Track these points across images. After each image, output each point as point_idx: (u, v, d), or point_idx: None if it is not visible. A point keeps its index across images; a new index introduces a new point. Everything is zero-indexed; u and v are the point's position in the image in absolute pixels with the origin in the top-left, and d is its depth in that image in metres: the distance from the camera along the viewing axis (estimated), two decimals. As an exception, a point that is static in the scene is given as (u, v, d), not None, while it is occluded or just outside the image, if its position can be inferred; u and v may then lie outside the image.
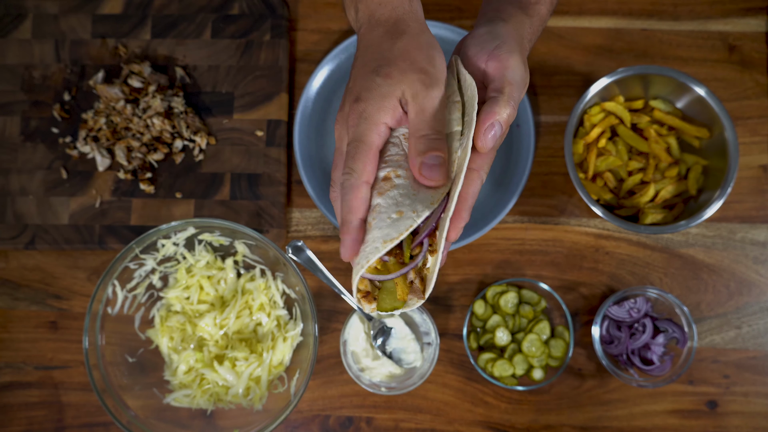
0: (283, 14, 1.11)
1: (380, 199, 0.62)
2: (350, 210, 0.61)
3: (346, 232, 0.61)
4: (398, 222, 0.60)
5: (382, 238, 0.60)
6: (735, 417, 1.04)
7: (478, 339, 1.04)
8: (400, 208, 0.61)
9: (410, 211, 0.61)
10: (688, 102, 1.02)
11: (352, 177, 0.61)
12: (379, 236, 0.60)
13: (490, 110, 0.62)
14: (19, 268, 1.10)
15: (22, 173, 1.09)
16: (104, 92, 1.07)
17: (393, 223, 0.60)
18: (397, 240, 0.59)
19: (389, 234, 0.60)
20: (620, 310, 1.02)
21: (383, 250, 0.59)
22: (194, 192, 1.08)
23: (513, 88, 0.63)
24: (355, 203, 0.61)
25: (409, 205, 0.61)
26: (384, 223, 0.61)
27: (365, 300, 0.64)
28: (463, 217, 0.62)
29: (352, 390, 1.06)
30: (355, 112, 0.62)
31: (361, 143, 0.61)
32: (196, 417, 1.02)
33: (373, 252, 0.60)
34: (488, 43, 0.66)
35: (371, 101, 0.61)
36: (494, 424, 1.05)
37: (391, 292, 0.63)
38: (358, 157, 0.61)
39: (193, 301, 1.03)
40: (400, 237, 0.59)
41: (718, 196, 0.97)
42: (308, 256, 0.98)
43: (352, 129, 0.62)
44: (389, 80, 0.62)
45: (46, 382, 1.07)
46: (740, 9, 1.11)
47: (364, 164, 0.61)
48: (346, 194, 0.61)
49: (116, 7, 1.11)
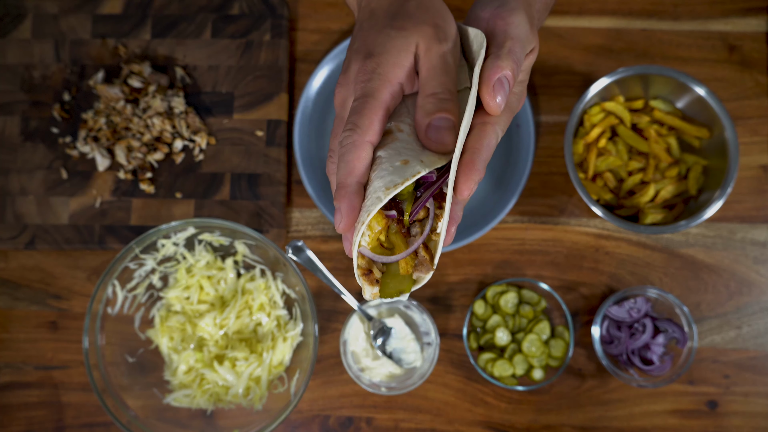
0: (283, 14, 1.11)
1: (381, 152, 0.55)
2: (349, 171, 0.54)
3: (343, 196, 0.54)
4: (403, 169, 0.53)
5: (384, 186, 0.52)
6: (735, 417, 1.04)
7: (478, 339, 1.04)
8: (404, 156, 0.54)
9: (416, 160, 0.54)
10: (688, 102, 1.02)
11: (355, 133, 0.54)
12: (380, 185, 0.53)
13: (492, 65, 0.56)
14: (19, 268, 1.10)
15: (22, 173, 1.09)
16: (104, 92, 1.07)
17: (396, 170, 0.53)
18: (403, 186, 0.52)
19: (393, 180, 0.52)
20: (620, 310, 1.02)
21: (386, 197, 0.52)
22: (194, 192, 1.08)
23: (514, 42, 0.58)
24: (356, 163, 0.54)
25: (414, 156, 0.54)
26: (386, 171, 0.53)
27: (366, 280, 0.56)
28: (477, 168, 0.54)
29: (352, 390, 1.06)
30: (367, 69, 0.56)
31: (371, 98, 0.55)
32: (196, 417, 1.02)
33: (375, 203, 0.52)
34: (492, 3, 0.61)
35: (385, 55, 0.56)
36: (494, 424, 1.05)
37: (396, 274, 0.56)
38: (364, 113, 0.54)
39: (193, 301, 1.03)
40: (406, 183, 0.52)
41: (718, 196, 0.97)
42: (308, 256, 0.98)
43: (360, 85, 0.56)
44: (404, 32, 0.56)
45: (46, 382, 1.07)
46: (740, 9, 1.11)
47: (371, 121, 0.54)
48: (345, 153, 0.54)
49: (116, 7, 1.11)
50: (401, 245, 0.56)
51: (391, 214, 0.55)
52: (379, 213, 0.55)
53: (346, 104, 0.58)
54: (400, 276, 0.56)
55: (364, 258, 0.56)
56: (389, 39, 0.56)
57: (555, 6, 1.11)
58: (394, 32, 0.56)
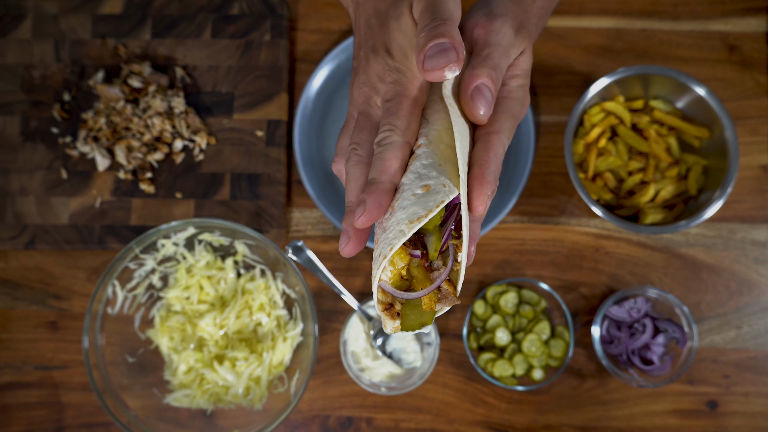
0: (283, 14, 1.11)
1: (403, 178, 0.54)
2: (384, 169, 0.52)
3: (373, 191, 0.51)
4: (425, 198, 0.51)
5: (408, 218, 0.50)
6: (735, 417, 1.04)
7: (478, 339, 1.04)
8: (425, 181, 0.52)
9: (439, 184, 0.51)
10: (688, 102, 1.02)
11: (395, 134, 0.53)
12: (403, 217, 0.51)
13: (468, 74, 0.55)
14: (19, 268, 1.10)
15: (22, 173, 1.09)
16: (104, 92, 1.07)
17: (419, 199, 0.51)
18: (426, 219, 0.50)
19: (416, 212, 0.50)
20: (620, 310, 1.02)
21: (409, 232, 0.50)
22: (194, 192, 1.08)
23: (492, 49, 0.56)
24: (393, 162, 0.52)
25: (436, 178, 0.52)
26: (408, 202, 0.51)
27: (387, 314, 0.55)
28: (487, 180, 0.52)
29: (352, 390, 1.06)
30: (391, 67, 0.55)
31: (404, 97, 0.54)
32: (196, 417, 1.02)
33: (398, 236, 0.50)
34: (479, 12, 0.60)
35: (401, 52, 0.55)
36: (494, 424, 1.05)
37: (418, 306, 0.54)
38: (400, 113, 0.53)
39: (193, 301, 1.03)
40: (430, 215, 0.50)
41: (718, 196, 0.97)
42: (308, 256, 0.98)
43: (390, 86, 0.55)
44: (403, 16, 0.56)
45: (46, 382, 1.07)
46: (740, 9, 1.11)
47: (409, 121, 0.53)
48: (384, 152, 0.53)
49: (116, 7, 1.11)
50: (423, 279, 0.54)
51: (415, 254, 0.53)
52: (403, 249, 0.53)
53: (371, 102, 0.57)
54: (421, 309, 0.54)
55: (385, 292, 0.55)
56: (399, 33, 0.56)
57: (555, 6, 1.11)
58: (395, 23, 0.56)
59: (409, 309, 0.54)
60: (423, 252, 0.54)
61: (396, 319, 0.55)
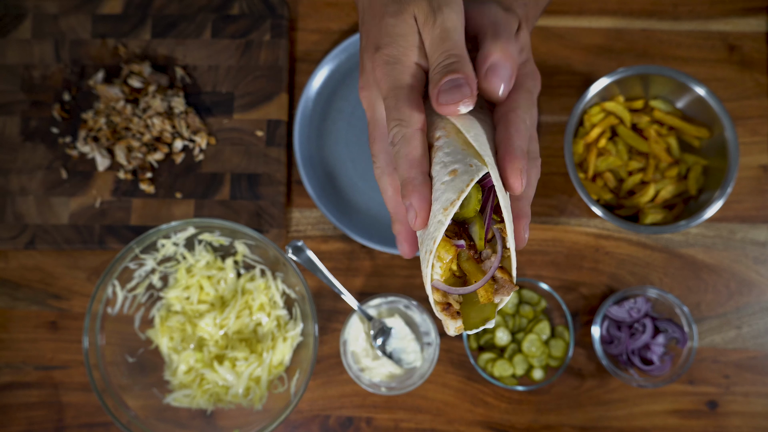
0: (283, 14, 1.11)
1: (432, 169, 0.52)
2: (410, 164, 0.52)
3: (411, 190, 0.51)
4: (454, 182, 0.50)
5: (442, 206, 0.49)
6: (735, 417, 1.04)
7: (478, 339, 1.04)
8: (451, 167, 0.51)
9: (465, 165, 0.50)
10: (688, 102, 1.02)
11: (402, 126, 0.53)
12: (438, 208, 0.49)
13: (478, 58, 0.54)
14: (19, 268, 1.10)
15: (22, 173, 1.09)
16: (104, 92, 1.07)
17: (449, 185, 0.50)
18: (459, 201, 0.49)
19: (449, 198, 0.49)
20: (620, 310, 1.02)
21: (447, 218, 0.48)
22: (194, 192, 1.08)
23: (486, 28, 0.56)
24: (414, 153, 0.52)
25: (462, 161, 0.51)
26: (439, 191, 0.50)
27: (447, 315, 0.53)
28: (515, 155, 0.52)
29: (352, 390, 1.06)
30: (380, 62, 0.55)
31: (399, 89, 0.54)
32: (196, 417, 1.02)
33: (438, 228, 0.49)
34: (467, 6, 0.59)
35: (393, 45, 0.55)
36: (494, 424, 1.05)
37: (477, 302, 0.52)
38: (401, 106, 0.53)
39: (193, 301, 1.03)
40: (462, 195, 0.48)
41: (718, 196, 0.97)
42: (308, 256, 0.98)
43: (383, 82, 0.55)
44: (401, 16, 0.55)
45: (46, 382, 1.07)
46: (740, 9, 1.11)
47: (411, 110, 0.53)
48: (400, 149, 0.53)
49: (116, 7, 1.11)
50: (475, 272, 0.52)
51: (460, 244, 0.51)
52: (446, 241, 0.52)
53: (375, 105, 0.58)
54: (480, 304, 0.52)
55: (439, 292, 0.53)
56: (390, 27, 0.56)
57: (555, 6, 1.11)
58: (392, 20, 0.56)
59: (469, 306, 0.52)
60: (470, 243, 0.52)
61: (457, 319, 0.53)
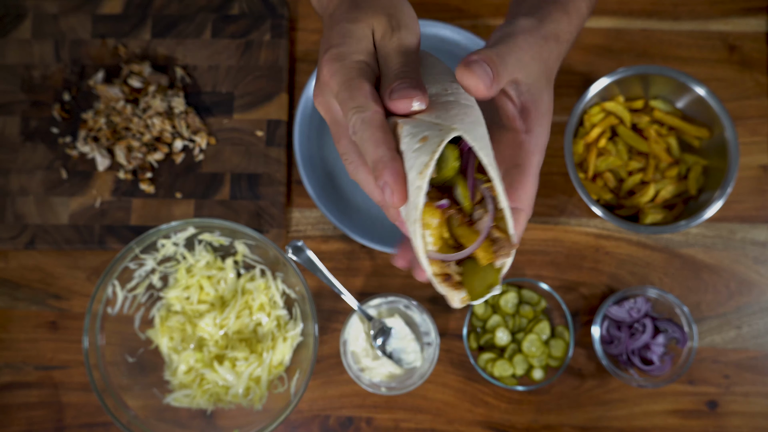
0: (283, 14, 1.11)
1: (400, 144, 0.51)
2: (376, 144, 0.50)
3: (383, 168, 0.50)
4: (426, 146, 0.48)
5: (417, 171, 0.48)
6: (735, 417, 1.04)
7: (478, 339, 1.04)
8: (420, 135, 0.49)
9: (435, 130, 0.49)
10: (688, 102, 1.02)
11: (359, 111, 0.52)
12: (414, 175, 0.48)
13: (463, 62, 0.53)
14: (19, 268, 1.10)
15: (22, 173, 1.09)
16: (104, 92, 1.07)
17: (420, 150, 0.48)
18: (433, 160, 0.47)
19: (422, 161, 0.47)
20: (620, 310, 1.02)
21: (424, 182, 0.47)
22: (194, 192, 1.08)
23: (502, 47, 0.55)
24: (377, 134, 0.51)
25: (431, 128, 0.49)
26: (411, 159, 0.49)
27: (449, 286, 0.50)
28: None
29: (352, 390, 1.06)
30: (329, 60, 0.55)
31: (350, 81, 0.53)
32: (196, 417, 1.02)
33: (416, 193, 0.47)
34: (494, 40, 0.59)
35: (344, 44, 0.55)
36: (494, 424, 1.05)
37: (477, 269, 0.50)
38: (354, 95, 0.52)
39: (193, 301, 1.03)
40: (435, 155, 0.47)
41: (718, 196, 0.97)
42: (308, 256, 0.98)
43: (333, 79, 0.54)
44: (358, 23, 0.55)
45: (46, 382, 1.07)
46: (740, 9, 1.11)
47: (364, 94, 0.52)
48: (361, 133, 0.52)
49: (116, 7, 1.11)
50: (469, 234, 0.50)
51: (441, 204, 0.50)
52: (429, 205, 0.50)
53: (331, 106, 0.57)
54: (482, 269, 0.50)
55: (436, 263, 0.50)
56: (345, 30, 0.56)
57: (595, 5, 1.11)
58: (348, 24, 0.56)
59: (471, 275, 0.50)
60: (458, 208, 0.51)
61: (460, 290, 0.51)
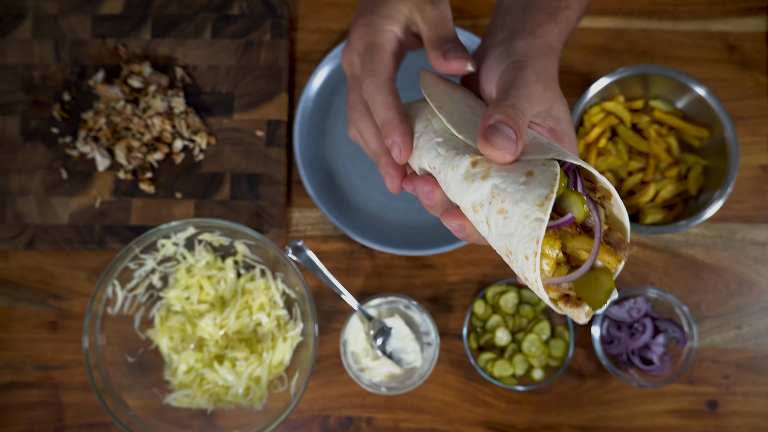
0: (283, 14, 1.11)
1: (492, 180, 0.49)
2: (387, 107, 0.56)
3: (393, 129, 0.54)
4: (535, 180, 0.47)
5: (535, 203, 0.46)
6: (735, 417, 1.04)
7: (478, 339, 1.04)
8: (526, 168, 0.48)
9: (537, 163, 0.48)
10: (688, 102, 1.02)
11: (374, 76, 0.56)
12: (526, 208, 0.46)
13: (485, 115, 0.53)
14: (19, 268, 1.10)
15: (22, 173, 1.09)
16: (104, 92, 1.07)
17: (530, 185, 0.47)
18: (554, 193, 0.45)
19: (540, 194, 0.46)
20: (620, 310, 1.02)
21: (546, 214, 0.45)
22: (194, 192, 1.08)
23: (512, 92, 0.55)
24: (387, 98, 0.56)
25: (532, 163, 0.49)
26: (520, 194, 0.47)
27: (570, 306, 0.49)
28: None
29: (352, 390, 1.06)
30: (359, 25, 0.59)
31: (374, 46, 0.58)
32: (196, 417, 1.02)
33: (536, 227, 0.45)
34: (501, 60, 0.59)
35: (376, 14, 0.59)
36: (494, 424, 1.05)
37: (590, 278, 0.48)
38: (374, 58, 0.57)
39: (193, 301, 1.03)
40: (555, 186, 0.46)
41: (718, 196, 0.97)
42: (308, 256, 0.98)
43: (359, 42, 0.59)
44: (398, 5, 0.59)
45: (46, 382, 1.07)
46: (740, 9, 1.11)
47: (383, 63, 0.57)
48: (374, 95, 0.56)
49: (116, 7, 1.11)
50: (588, 242, 0.48)
51: (566, 220, 0.48)
52: (549, 236, 0.48)
53: (353, 63, 0.61)
54: (594, 278, 0.48)
55: (554, 288, 0.49)
56: (381, 2, 0.59)
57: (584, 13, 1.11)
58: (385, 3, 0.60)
59: (585, 287, 0.48)
60: (553, 214, 0.49)
61: (581, 305, 0.49)
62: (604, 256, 0.48)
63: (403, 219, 1.08)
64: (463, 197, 0.52)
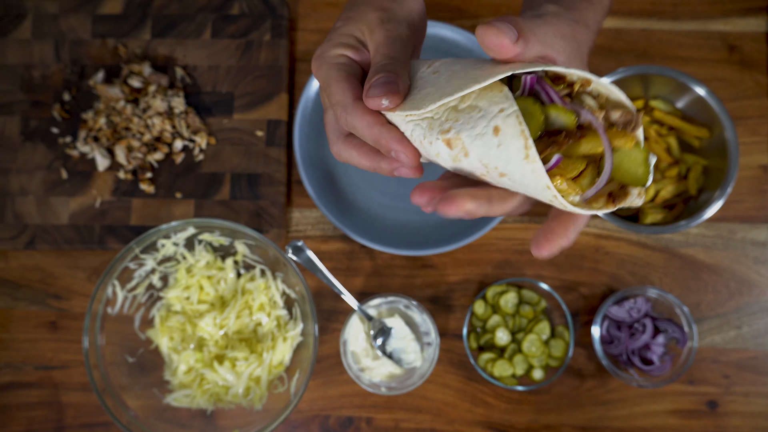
0: (283, 14, 1.11)
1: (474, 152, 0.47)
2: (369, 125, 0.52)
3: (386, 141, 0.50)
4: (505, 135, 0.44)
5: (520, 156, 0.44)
6: (735, 417, 1.04)
7: (478, 339, 1.04)
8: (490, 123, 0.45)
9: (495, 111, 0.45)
10: (688, 102, 1.02)
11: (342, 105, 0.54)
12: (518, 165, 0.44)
13: None
14: (19, 268, 1.10)
15: (22, 173, 1.09)
16: (104, 92, 1.07)
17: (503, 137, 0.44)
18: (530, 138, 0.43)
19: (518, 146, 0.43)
20: (620, 310, 1.02)
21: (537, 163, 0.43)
22: (194, 192, 1.08)
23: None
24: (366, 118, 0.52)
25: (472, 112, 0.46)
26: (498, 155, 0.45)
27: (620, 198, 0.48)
28: None
29: (352, 390, 1.06)
30: (314, 58, 0.58)
31: (329, 79, 0.56)
32: (196, 417, 1.02)
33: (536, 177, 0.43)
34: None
35: (329, 42, 0.57)
36: (494, 424, 1.05)
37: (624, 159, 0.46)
38: (332, 90, 0.55)
39: (193, 301, 1.03)
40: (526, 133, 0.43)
41: (718, 196, 0.97)
42: (308, 256, 0.98)
43: (318, 76, 0.57)
44: (349, 23, 0.57)
45: (46, 382, 1.07)
46: (740, 9, 1.11)
47: (342, 91, 0.54)
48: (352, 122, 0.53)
49: (116, 7, 1.11)
50: (595, 142, 0.46)
51: (556, 162, 0.45)
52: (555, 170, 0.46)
53: (322, 97, 0.60)
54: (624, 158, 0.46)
55: (595, 198, 0.47)
56: (335, 30, 0.58)
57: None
58: (340, 23, 0.58)
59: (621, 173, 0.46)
60: (564, 134, 0.46)
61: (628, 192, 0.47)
62: (617, 140, 0.46)
63: (403, 219, 1.08)
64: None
